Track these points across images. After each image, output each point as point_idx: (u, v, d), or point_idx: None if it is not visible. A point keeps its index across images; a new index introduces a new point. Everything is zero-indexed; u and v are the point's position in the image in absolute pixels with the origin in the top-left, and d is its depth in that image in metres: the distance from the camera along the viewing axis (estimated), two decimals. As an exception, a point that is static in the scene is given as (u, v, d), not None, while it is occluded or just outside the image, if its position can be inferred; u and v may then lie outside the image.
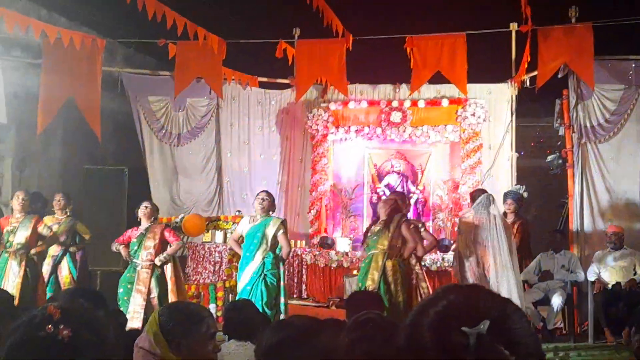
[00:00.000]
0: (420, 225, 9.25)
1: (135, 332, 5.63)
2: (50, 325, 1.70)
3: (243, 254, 8.57)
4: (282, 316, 8.27)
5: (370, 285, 7.99)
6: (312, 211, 12.96)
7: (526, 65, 11.53)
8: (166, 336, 3.03)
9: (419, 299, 8.22)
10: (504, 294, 7.02)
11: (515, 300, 6.83)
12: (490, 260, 8.32)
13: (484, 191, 9.26)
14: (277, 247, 8.60)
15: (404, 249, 8.33)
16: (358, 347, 2.54)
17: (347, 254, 12.14)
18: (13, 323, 1.75)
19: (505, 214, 10.36)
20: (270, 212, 8.76)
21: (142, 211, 8.90)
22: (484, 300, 1.44)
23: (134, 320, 8.22)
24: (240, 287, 8.48)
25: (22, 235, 8.75)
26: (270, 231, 8.51)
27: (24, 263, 8.66)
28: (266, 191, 9.05)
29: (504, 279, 8.26)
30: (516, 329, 1.42)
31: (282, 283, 8.61)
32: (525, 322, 1.45)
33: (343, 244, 12.53)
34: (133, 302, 8.48)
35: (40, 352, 1.69)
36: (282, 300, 8.56)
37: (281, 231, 8.57)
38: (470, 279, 8.32)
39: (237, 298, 8.43)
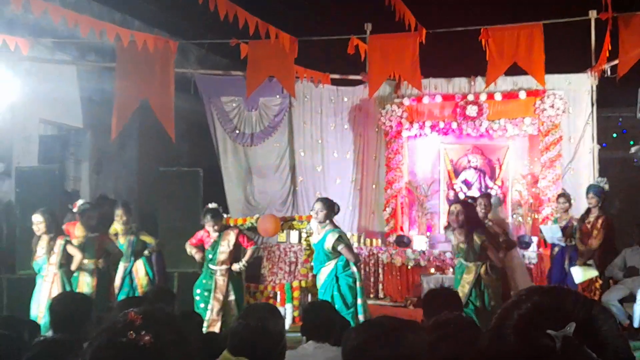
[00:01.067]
0: (501, 237, 9.01)
1: (213, 334, 5.63)
2: (131, 332, 1.71)
3: (315, 260, 8.33)
4: (361, 317, 8.09)
5: (460, 292, 7.83)
6: (387, 209, 12.87)
7: (607, 54, 11.25)
8: None
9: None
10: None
11: None
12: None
13: (489, 195, 9.93)
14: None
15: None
16: (440, 347, 2.67)
17: (424, 252, 11.97)
18: (95, 329, 1.74)
19: (588, 209, 10.05)
20: (328, 221, 8.13)
21: (210, 227, 8.58)
22: (569, 302, 1.38)
23: (212, 327, 8.30)
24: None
25: (90, 255, 8.77)
26: (328, 247, 8.05)
27: (95, 275, 8.74)
28: (320, 200, 8.34)
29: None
30: (604, 330, 1.36)
31: (358, 284, 8.33)
32: (613, 322, 1.39)
33: (420, 242, 12.37)
34: (211, 310, 8.47)
35: (122, 358, 1.71)
36: (359, 301, 8.32)
37: (340, 246, 8.03)
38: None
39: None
